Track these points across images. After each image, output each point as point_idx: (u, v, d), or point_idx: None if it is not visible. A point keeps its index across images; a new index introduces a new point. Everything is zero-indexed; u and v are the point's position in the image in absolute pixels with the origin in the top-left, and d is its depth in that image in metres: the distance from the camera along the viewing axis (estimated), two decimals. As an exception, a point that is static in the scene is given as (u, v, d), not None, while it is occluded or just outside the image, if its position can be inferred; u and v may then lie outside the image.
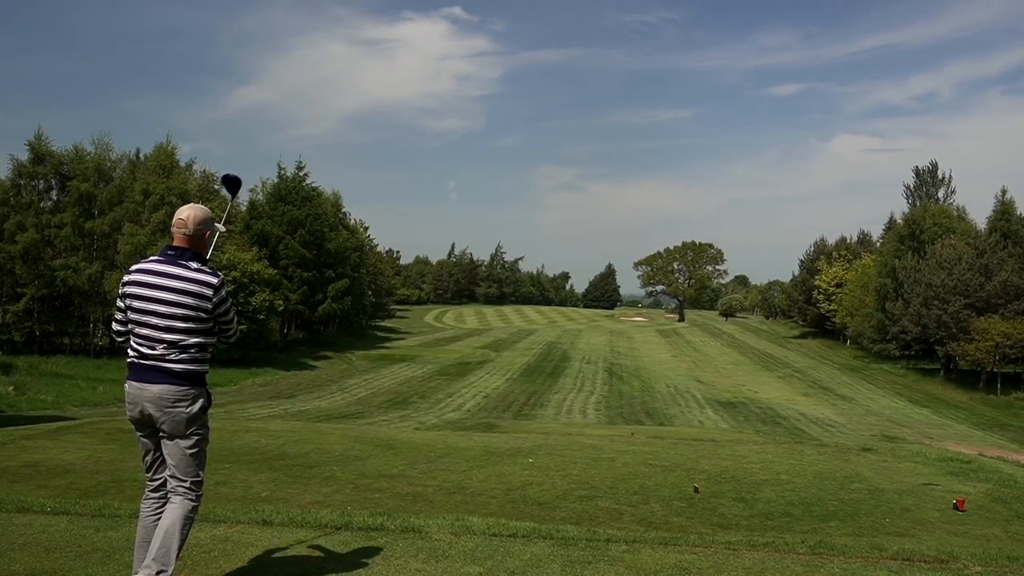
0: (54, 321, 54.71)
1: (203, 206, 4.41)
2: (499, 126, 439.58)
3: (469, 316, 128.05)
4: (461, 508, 9.19)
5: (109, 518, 6.06)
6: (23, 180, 54.32)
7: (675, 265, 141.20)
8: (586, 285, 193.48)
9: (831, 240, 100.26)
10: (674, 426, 35.68)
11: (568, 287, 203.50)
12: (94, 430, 15.27)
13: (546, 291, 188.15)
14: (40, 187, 55.35)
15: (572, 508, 9.53)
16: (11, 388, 32.94)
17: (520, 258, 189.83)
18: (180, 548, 4.27)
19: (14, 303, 51.74)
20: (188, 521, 4.34)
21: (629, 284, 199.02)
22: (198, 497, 4.40)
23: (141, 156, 59.78)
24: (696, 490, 10.42)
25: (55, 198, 55.73)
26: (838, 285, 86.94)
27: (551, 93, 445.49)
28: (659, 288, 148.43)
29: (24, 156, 54.59)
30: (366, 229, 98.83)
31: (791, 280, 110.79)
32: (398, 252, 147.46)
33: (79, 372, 42.66)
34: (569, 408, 44.45)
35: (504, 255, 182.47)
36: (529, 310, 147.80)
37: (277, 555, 5.22)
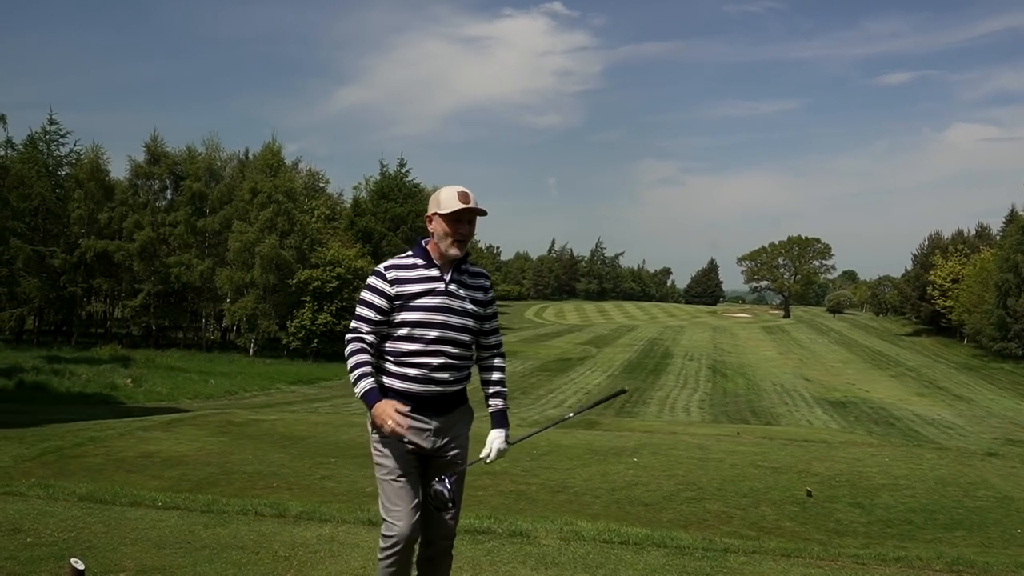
0: (169, 316, 56.92)
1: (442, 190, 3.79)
2: (599, 121, 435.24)
3: (569, 312, 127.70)
4: (565, 508, 9.01)
5: (217, 514, 6.09)
6: (140, 180, 56.64)
7: (780, 260, 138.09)
8: (688, 281, 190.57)
9: (947, 233, 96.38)
10: (781, 426, 34.70)
11: (669, 283, 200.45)
12: (206, 423, 15.68)
13: (647, 287, 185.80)
14: (155, 187, 57.67)
15: (679, 510, 9.27)
16: (129, 380, 34.20)
17: (620, 253, 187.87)
18: None
19: (132, 298, 53.98)
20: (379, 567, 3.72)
21: (732, 280, 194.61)
22: (382, 537, 3.68)
23: (249, 156, 61.64)
24: (809, 494, 10.02)
25: (169, 197, 57.94)
26: (954, 280, 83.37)
27: (651, 87, 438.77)
28: (763, 284, 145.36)
29: (141, 157, 57.14)
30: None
31: (903, 275, 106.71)
32: (498, 248, 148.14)
33: (192, 365, 44.05)
34: (672, 405, 43.75)
35: (604, 250, 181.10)
36: (630, 306, 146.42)
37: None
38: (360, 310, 3.66)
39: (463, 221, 3.67)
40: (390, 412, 3.41)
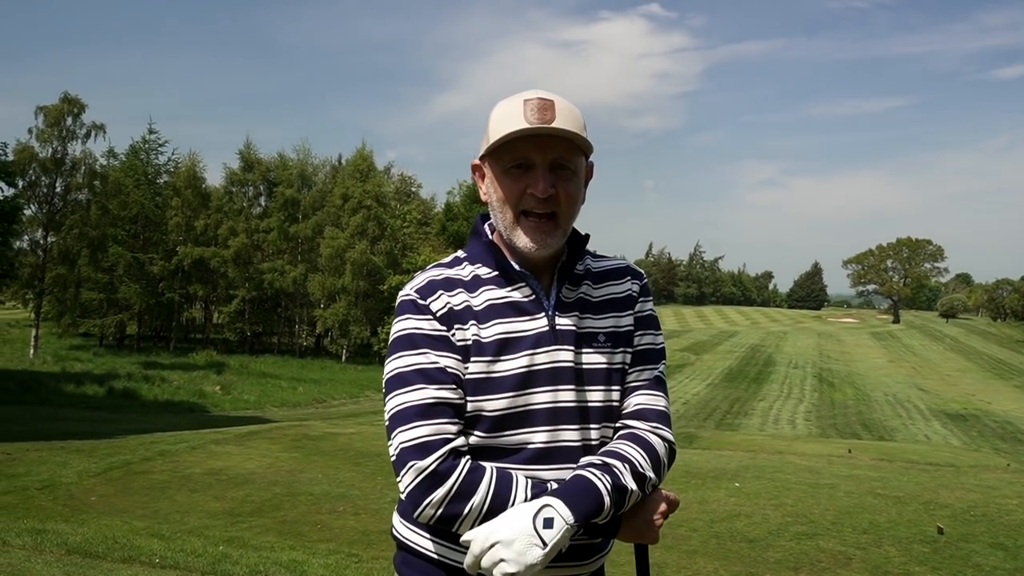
0: (263, 322, 57.86)
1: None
2: (699, 123, 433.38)
3: (667, 317, 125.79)
4: (659, 542, 7.94)
5: (221, 576, 5.19)
6: (234, 187, 57.90)
7: (889, 263, 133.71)
8: (790, 284, 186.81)
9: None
10: (897, 441, 32.64)
11: (771, 287, 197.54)
12: (281, 436, 15.27)
13: (748, 291, 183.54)
14: (249, 193, 58.91)
15: (788, 548, 8.14)
16: (218, 387, 34.32)
17: (720, 257, 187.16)
18: None
19: (227, 304, 54.91)
20: None
21: (837, 283, 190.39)
22: None
23: (342, 161, 62.22)
24: (940, 531, 8.71)
25: (263, 204, 59.06)
26: (1082, 283, 78.88)
27: (753, 87, 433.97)
28: (871, 288, 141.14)
29: (235, 164, 58.39)
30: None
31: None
32: (595, 251, 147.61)
33: (283, 372, 44.28)
34: (776, 417, 41.87)
35: (703, 254, 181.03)
36: (730, 311, 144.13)
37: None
38: (403, 397, 1.65)
39: (534, 166, 1.73)
40: (653, 511, 1.73)
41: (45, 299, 45.07)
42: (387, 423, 1.68)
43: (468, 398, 1.68)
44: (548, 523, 1.53)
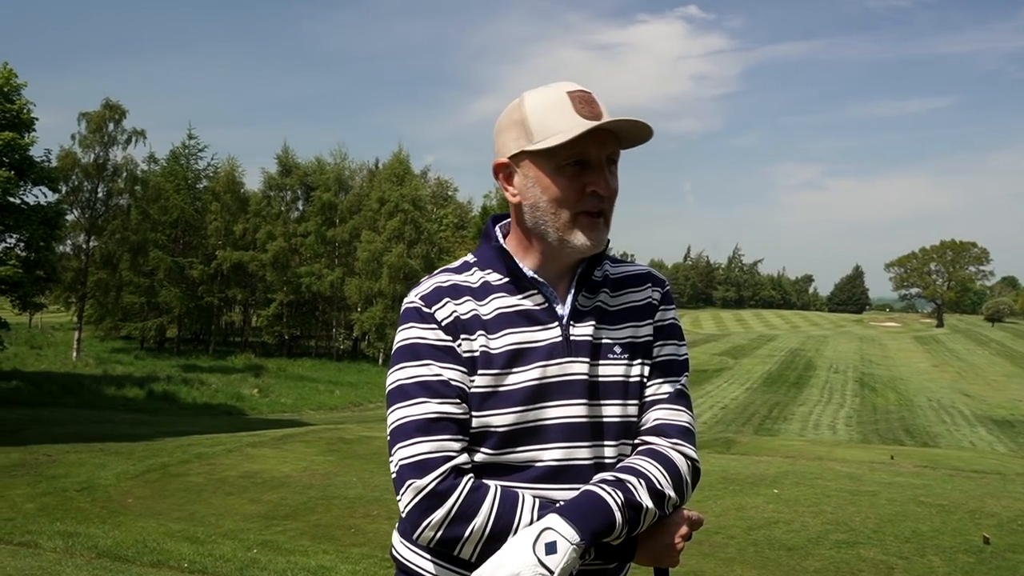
0: (300, 325, 58.31)
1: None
2: (737, 125, 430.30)
3: (706, 321, 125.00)
4: (695, 549, 7.95)
5: (249, 582, 5.15)
6: (272, 192, 58.30)
7: (932, 266, 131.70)
8: (831, 288, 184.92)
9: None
10: (940, 447, 32.03)
11: (811, 290, 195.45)
12: (316, 439, 15.35)
13: (787, 294, 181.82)
14: (287, 198, 59.33)
15: (828, 557, 8.03)
16: (255, 390, 34.58)
17: (759, 260, 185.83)
18: None
19: (265, 308, 55.38)
20: None
21: (878, 287, 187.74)
22: None
23: (379, 165, 62.48)
24: (986, 541, 8.52)
25: (300, 208, 59.50)
26: None
27: (792, 88, 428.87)
28: (914, 291, 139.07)
29: (273, 169, 58.85)
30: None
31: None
32: (632, 255, 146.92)
33: (320, 375, 44.58)
34: (816, 423, 41.32)
35: (742, 257, 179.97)
36: (769, 314, 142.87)
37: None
38: (404, 411, 1.56)
39: (590, 162, 1.62)
40: (673, 533, 1.61)
41: (87, 302, 45.75)
42: (388, 438, 1.61)
43: (474, 413, 1.59)
44: (551, 548, 1.45)
